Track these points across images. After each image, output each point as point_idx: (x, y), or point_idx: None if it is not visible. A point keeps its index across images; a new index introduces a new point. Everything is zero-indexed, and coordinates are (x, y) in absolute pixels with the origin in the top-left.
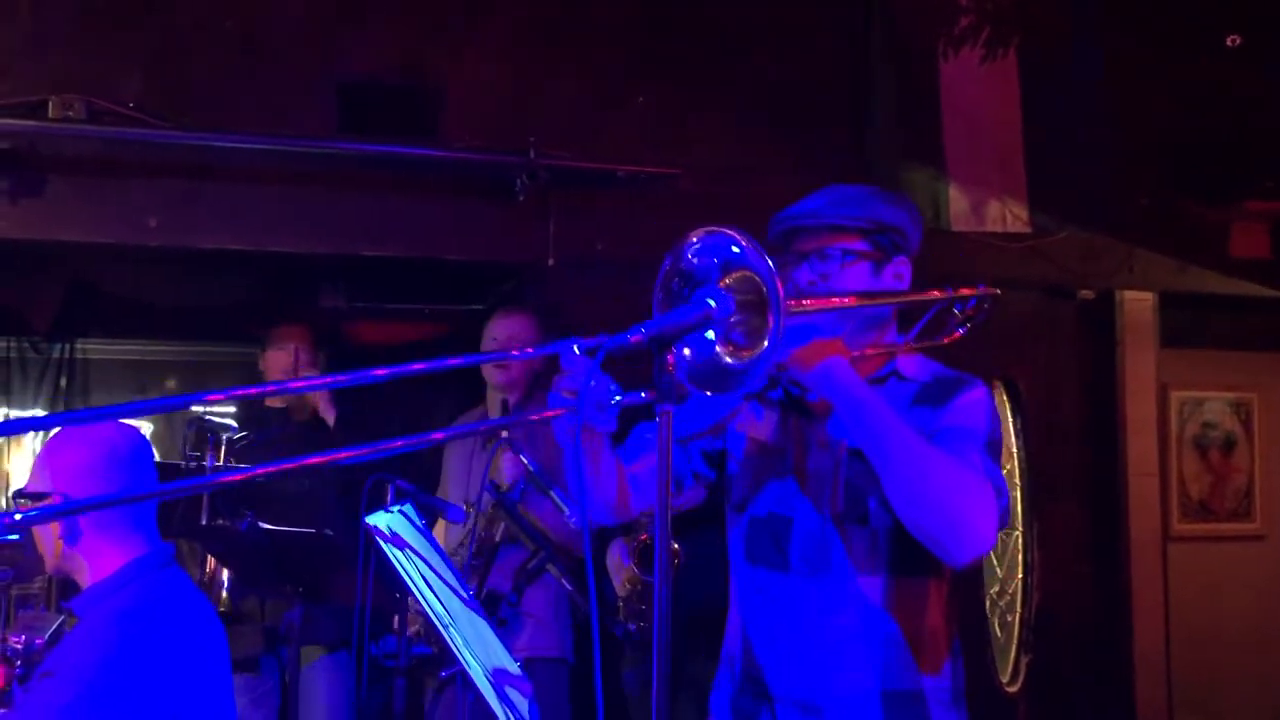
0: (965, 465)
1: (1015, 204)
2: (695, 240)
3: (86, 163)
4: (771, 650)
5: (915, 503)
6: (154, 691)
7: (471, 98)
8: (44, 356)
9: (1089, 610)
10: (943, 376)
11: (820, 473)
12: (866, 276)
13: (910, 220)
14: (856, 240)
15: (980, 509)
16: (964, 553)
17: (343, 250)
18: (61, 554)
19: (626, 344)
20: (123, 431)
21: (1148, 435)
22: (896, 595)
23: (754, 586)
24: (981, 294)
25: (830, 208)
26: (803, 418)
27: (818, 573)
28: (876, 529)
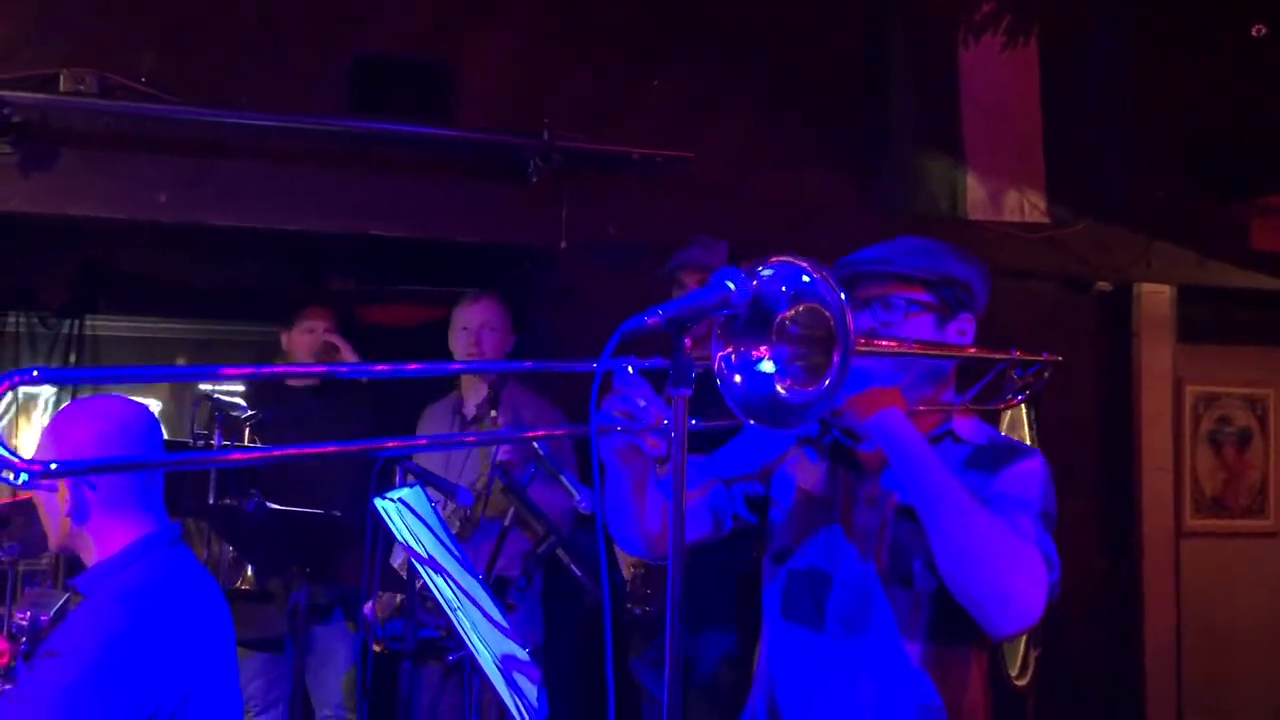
0: (1017, 533)
1: (1033, 194)
2: (766, 268)
3: (98, 137)
4: (799, 709)
5: (963, 566)
6: (158, 671)
7: (486, 78)
8: (54, 332)
9: (1100, 605)
10: (999, 443)
11: (866, 529)
12: (930, 329)
13: (979, 279)
14: (922, 292)
15: (1030, 580)
16: (1009, 623)
17: (353, 229)
18: (69, 531)
19: (644, 327)
20: (131, 407)
21: (1163, 429)
22: (936, 663)
23: (787, 643)
24: (1045, 361)
25: (900, 256)
26: (852, 471)
27: (855, 633)
28: (920, 592)
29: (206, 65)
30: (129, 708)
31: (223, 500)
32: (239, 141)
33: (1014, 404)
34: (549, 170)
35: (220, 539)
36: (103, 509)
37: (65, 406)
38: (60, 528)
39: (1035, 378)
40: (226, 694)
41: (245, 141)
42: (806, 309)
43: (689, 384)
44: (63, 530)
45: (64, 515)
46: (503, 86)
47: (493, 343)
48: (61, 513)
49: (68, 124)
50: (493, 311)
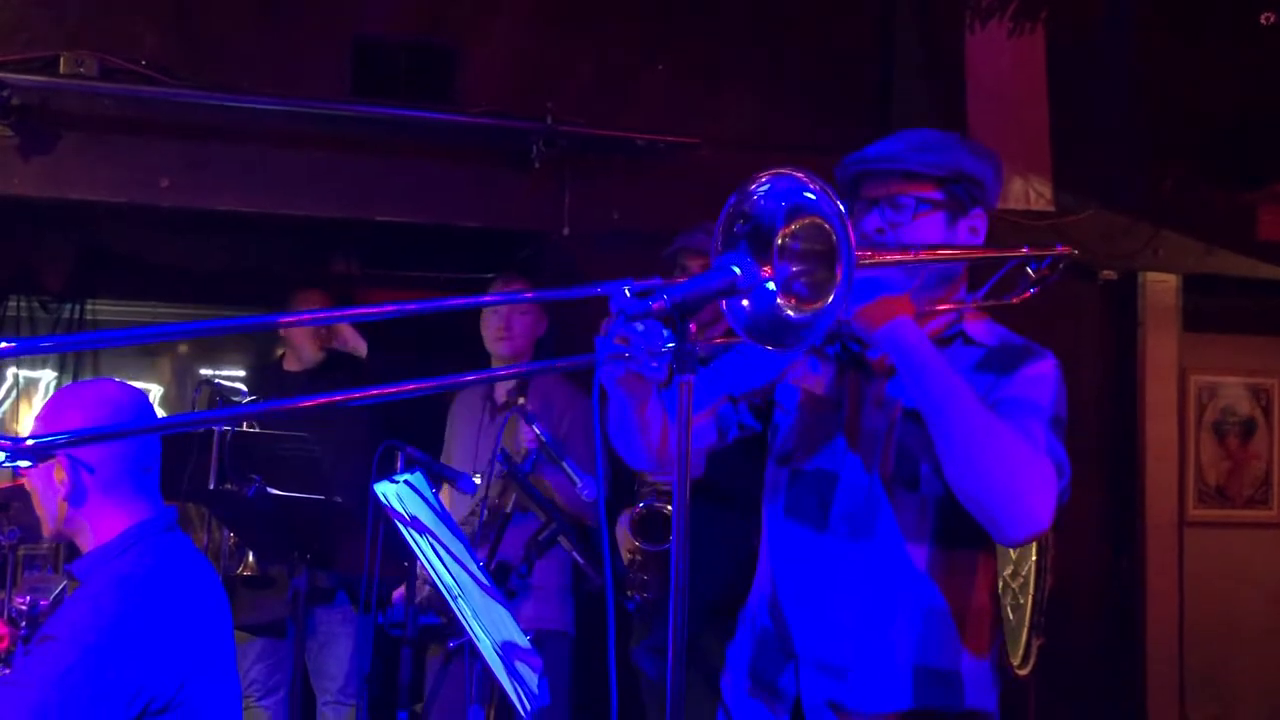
0: (1027, 438)
1: (1039, 181)
2: (764, 181)
3: (98, 121)
4: (802, 608)
5: (970, 472)
6: (155, 656)
7: (490, 62)
8: (53, 316)
9: (1103, 594)
10: (1010, 344)
11: (873, 432)
12: (940, 229)
13: (994, 172)
14: (932, 189)
15: (1039, 486)
16: (1017, 530)
17: (355, 214)
18: (65, 516)
19: (648, 311)
20: (126, 391)
21: (1167, 419)
22: (942, 567)
23: (789, 542)
24: (1059, 254)
25: (910, 152)
26: (860, 374)
27: (859, 536)
28: (926, 496)
29: (208, 48)
30: (125, 693)
31: (223, 485)
32: (240, 125)
33: (1027, 297)
34: (552, 155)
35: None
36: (100, 493)
37: (59, 391)
38: (57, 513)
39: (1049, 270)
40: (224, 680)
41: (247, 125)
42: (807, 223)
43: (694, 370)
44: (59, 515)
45: (61, 499)
46: (506, 71)
47: (523, 326)
48: (59, 497)
49: (67, 107)
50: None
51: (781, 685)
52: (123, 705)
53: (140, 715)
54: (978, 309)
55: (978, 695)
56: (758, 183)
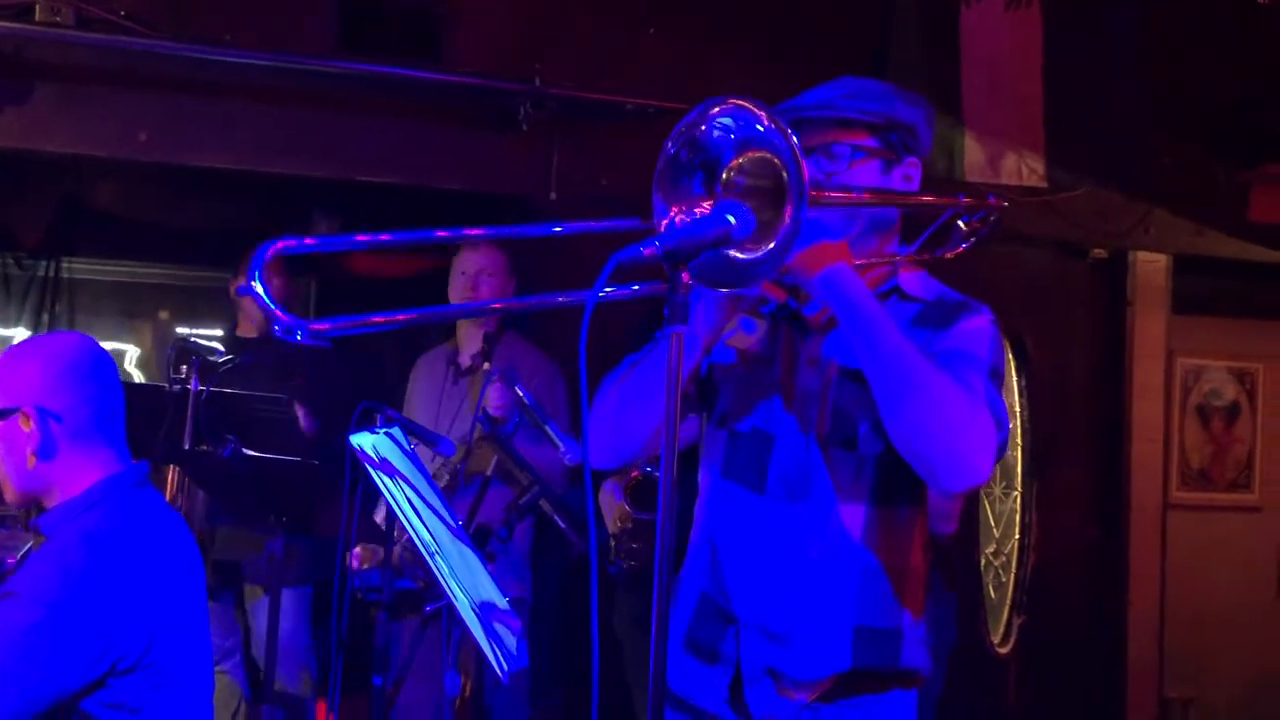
0: (967, 389)
1: (1032, 157)
2: (715, 111)
3: (74, 71)
4: (741, 572)
5: (910, 422)
6: (123, 615)
7: (478, 22)
8: (28, 273)
9: (1085, 573)
10: (947, 299)
11: (808, 391)
12: (875, 176)
13: (925, 120)
14: (866, 136)
15: (979, 436)
16: (956, 480)
17: (338, 175)
18: (31, 472)
19: (639, 257)
20: (82, 342)
21: (1154, 400)
22: (879, 527)
23: (727, 503)
24: (991, 206)
25: (844, 100)
26: (795, 331)
27: (796, 497)
28: (864, 455)
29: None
30: (91, 651)
31: (199, 446)
32: (222, 79)
33: (960, 251)
34: (541, 118)
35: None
36: (69, 444)
37: (13, 345)
38: (23, 467)
39: (981, 223)
40: (195, 640)
41: (229, 79)
42: (754, 158)
43: (685, 320)
44: (27, 468)
45: (30, 453)
46: (495, 31)
47: (490, 289)
48: (27, 450)
49: (43, 56)
50: (491, 258)
51: (723, 650)
52: (89, 663)
53: (107, 674)
54: (912, 263)
55: (913, 653)
56: (709, 111)
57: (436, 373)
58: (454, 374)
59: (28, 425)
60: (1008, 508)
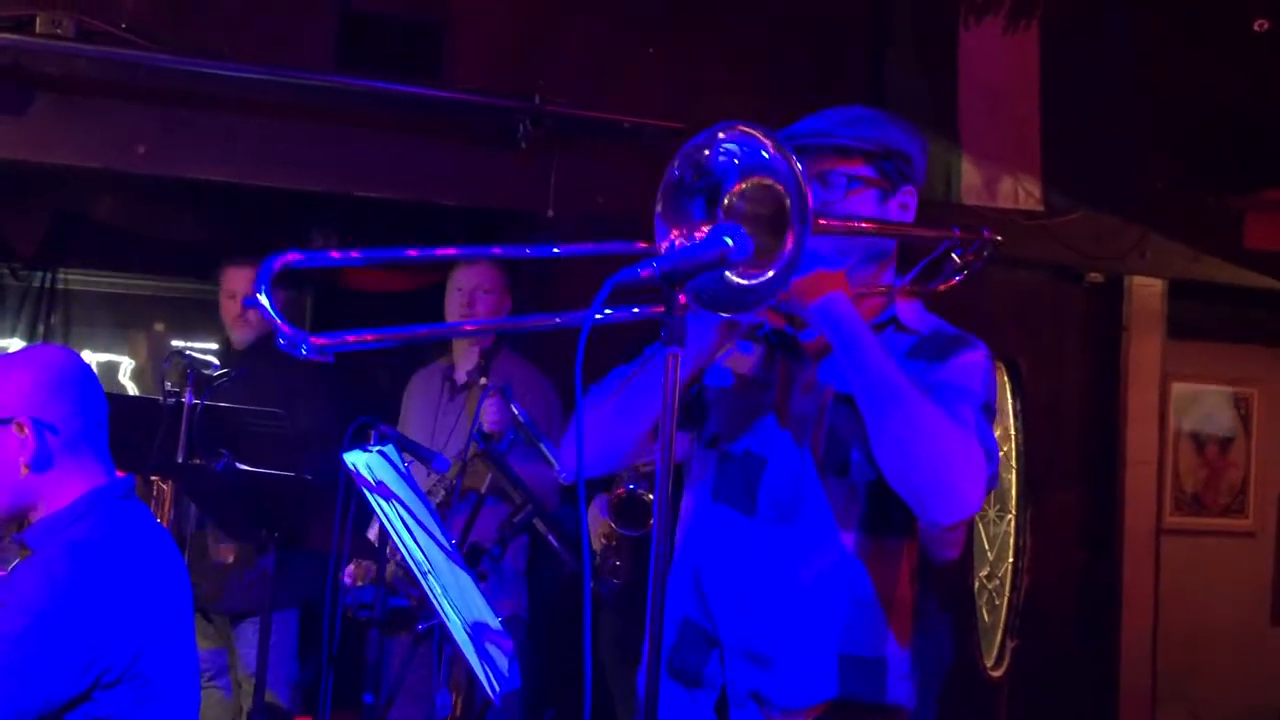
0: (959, 423)
1: (1029, 181)
2: (722, 135)
3: (74, 83)
4: (727, 594)
5: (901, 453)
6: (109, 627)
7: (478, 39)
8: (24, 284)
9: (1078, 597)
10: (943, 332)
11: (802, 416)
12: (872, 205)
13: (920, 149)
14: (862, 165)
15: (970, 470)
16: (947, 513)
17: (336, 189)
18: (21, 483)
19: (636, 278)
20: (69, 354)
21: (1148, 424)
22: (870, 554)
23: (714, 525)
24: (985, 239)
25: (840, 127)
26: (790, 356)
27: (786, 521)
28: (856, 482)
29: (189, 13)
30: (77, 663)
31: (191, 459)
32: (221, 93)
33: (954, 284)
34: (539, 136)
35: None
36: (62, 456)
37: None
38: (15, 479)
39: (975, 256)
40: (181, 653)
41: (227, 93)
42: (756, 184)
43: (681, 341)
44: (17, 485)
45: (23, 464)
46: (494, 49)
47: (487, 306)
48: (21, 462)
49: (43, 68)
50: (488, 275)
51: (707, 674)
52: (75, 675)
53: (93, 686)
54: (906, 294)
55: (899, 688)
56: (715, 135)
57: (432, 388)
58: (450, 390)
59: (23, 435)
60: (1001, 531)
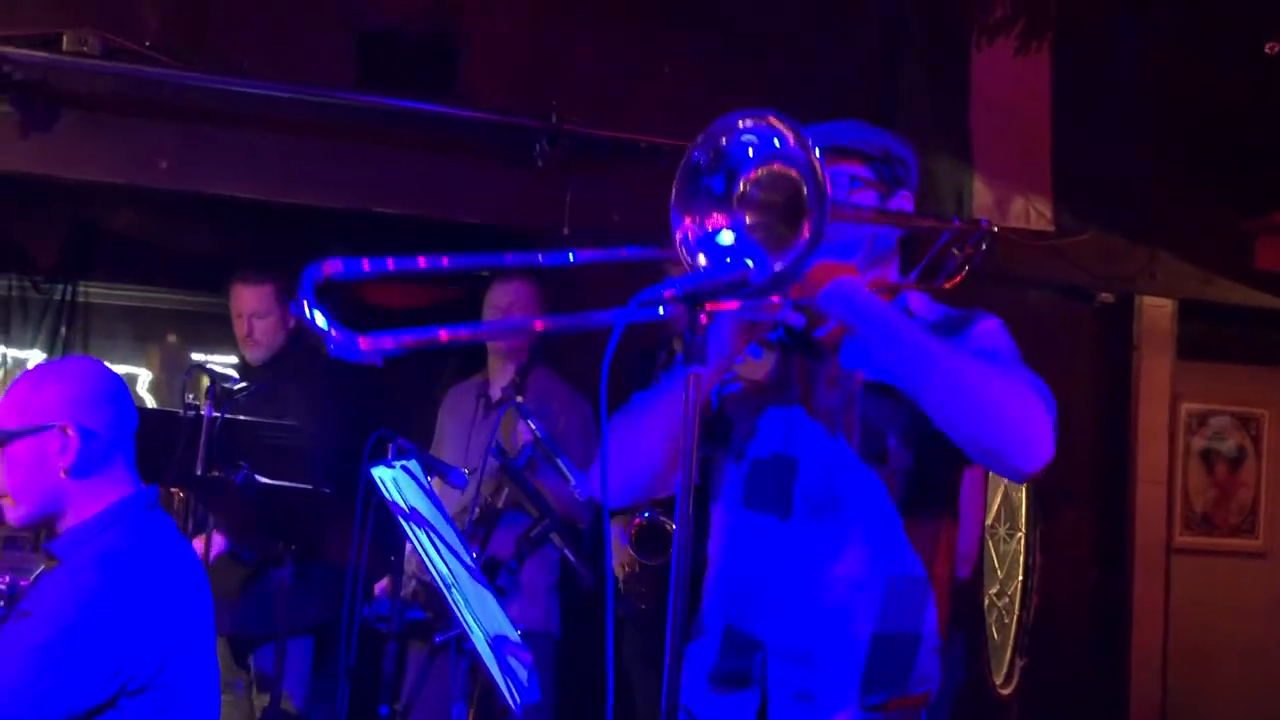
0: (1008, 374)
1: (1040, 201)
2: (741, 123)
3: (98, 100)
4: (768, 598)
5: (967, 413)
6: (135, 636)
7: (495, 58)
8: (45, 297)
9: (1088, 616)
10: (952, 314)
11: (830, 410)
12: (874, 204)
13: (913, 156)
14: (862, 166)
15: (1035, 413)
16: (1030, 461)
17: (354, 206)
18: (56, 489)
19: (660, 298)
20: (103, 365)
21: (1158, 444)
22: (907, 538)
23: (748, 533)
24: (983, 231)
25: (839, 129)
26: (807, 355)
27: (825, 516)
28: (895, 469)
29: (212, 31)
30: (103, 672)
31: (210, 472)
32: (242, 110)
33: (957, 280)
34: (555, 154)
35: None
36: (99, 464)
37: (34, 367)
38: (50, 484)
39: (975, 249)
40: (203, 663)
41: (248, 110)
42: (772, 172)
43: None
44: (51, 490)
45: (63, 470)
46: (511, 68)
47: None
48: (59, 467)
49: (69, 85)
50: (522, 293)
51: (753, 673)
52: (100, 684)
53: (118, 694)
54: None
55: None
56: (734, 122)
57: (466, 405)
58: (484, 406)
59: (65, 440)
60: (1012, 549)
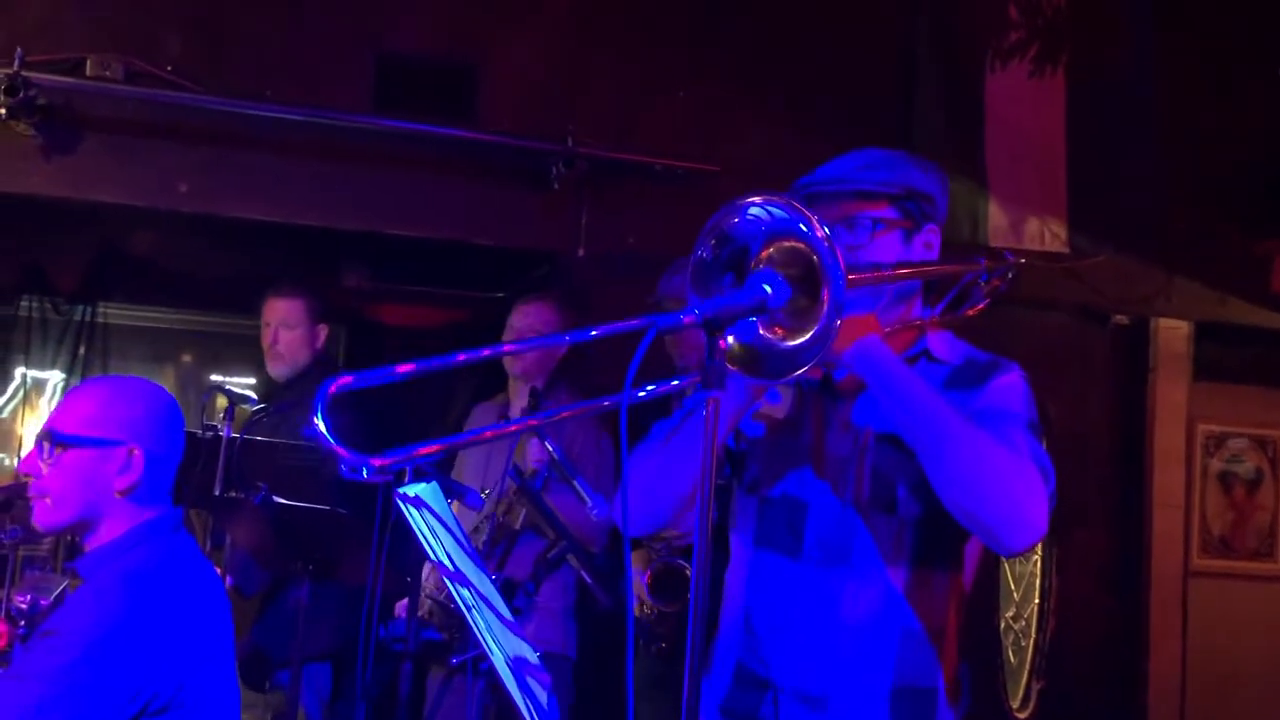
0: (1012, 448)
1: (1055, 223)
2: (745, 204)
3: (120, 124)
4: (779, 639)
5: (963, 488)
6: (158, 656)
7: (512, 81)
8: (65, 318)
9: (1105, 640)
10: (975, 359)
11: (840, 456)
12: (897, 246)
13: (941, 187)
14: (886, 207)
15: (1032, 493)
16: (1018, 540)
17: (371, 227)
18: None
19: (679, 325)
20: (163, 390)
21: (1175, 467)
22: (918, 589)
23: (762, 571)
24: (1010, 264)
25: (860, 172)
26: (824, 396)
27: (834, 562)
28: (904, 518)
29: (232, 56)
30: (126, 691)
31: (229, 492)
32: (261, 134)
33: (981, 309)
34: (571, 177)
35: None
36: (150, 488)
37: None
38: (101, 498)
39: (1000, 280)
40: (224, 683)
41: (268, 134)
42: (784, 248)
43: (722, 385)
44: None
45: (118, 490)
46: (528, 91)
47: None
48: (114, 486)
49: (92, 109)
50: (541, 316)
51: (762, 714)
52: (123, 702)
53: (140, 714)
54: (936, 326)
55: (946, 710)
56: (742, 205)
57: (489, 423)
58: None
59: (130, 463)
60: (1027, 571)
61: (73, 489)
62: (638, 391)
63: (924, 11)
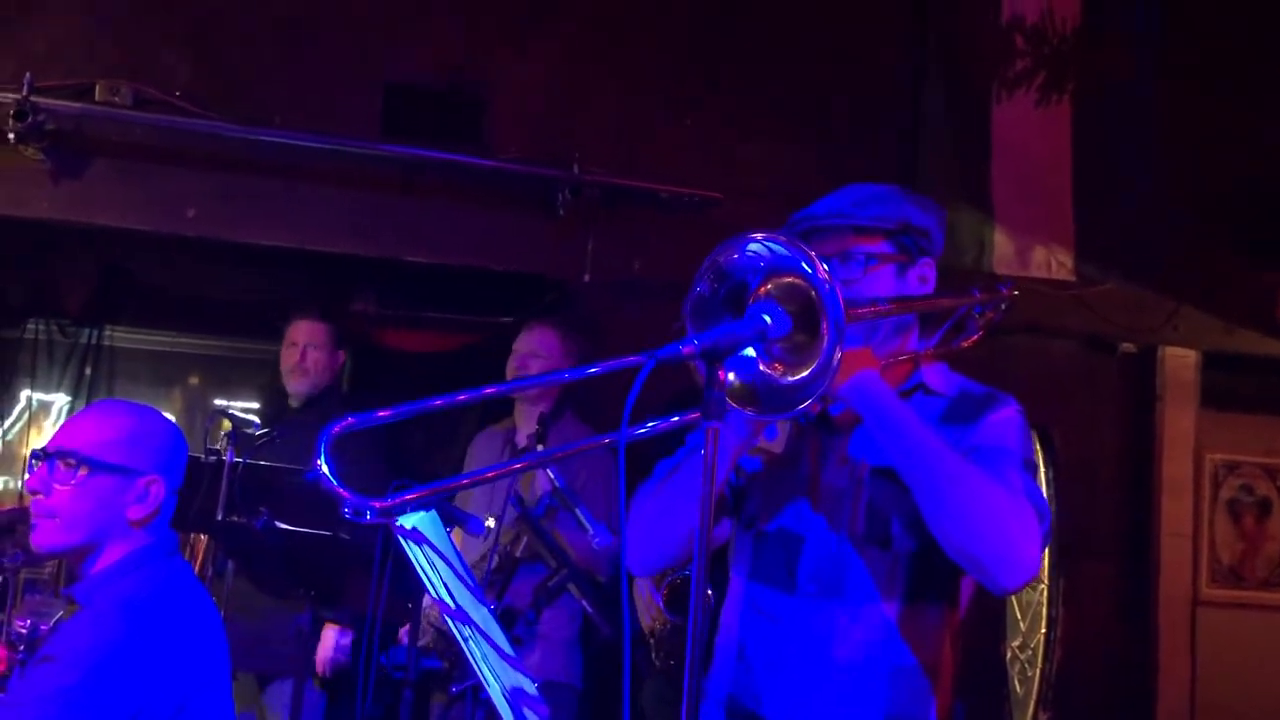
0: (1006, 487)
1: (1061, 251)
2: (746, 240)
3: (129, 149)
4: (769, 671)
5: (957, 526)
6: (155, 681)
7: (519, 109)
8: (71, 341)
9: (1113, 670)
10: (971, 392)
11: (836, 490)
12: (891, 280)
13: (937, 221)
14: (881, 242)
15: (1025, 532)
16: (1011, 579)
17: (378, 253)
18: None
19: (678, 355)
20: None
21: (1183, 495)
22: (912, 623)
23: (755, 606)
24: (1003, 296)
25: (855, 207)
26: (821, 430)
27: (828, 596)
28: (898, 553)
29: (241, 82)
30: (122, 715)
31: (231, 517)
32: (269, 159)
33: (975, 340)
34: (578, 204)
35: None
36: (158, 519)
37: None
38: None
39: (995, 312)
40: (220, 707)
41: (275, 159)
42: (781, 284)
43: (721, 416)
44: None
45: (133, 520)
46: (535, 118)
47: (539, 371)
48: (129, 514)
49: (100, 134)
50: (543, 340)
51: None
52: None
53: None
54: (931, 358)
55: None
56: (735, 244)
57: (493, 451)
58: (510, 453)
59: (147, 494)
60: (1034, 600)
61: (86, 512)
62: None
63: (930, 41)
